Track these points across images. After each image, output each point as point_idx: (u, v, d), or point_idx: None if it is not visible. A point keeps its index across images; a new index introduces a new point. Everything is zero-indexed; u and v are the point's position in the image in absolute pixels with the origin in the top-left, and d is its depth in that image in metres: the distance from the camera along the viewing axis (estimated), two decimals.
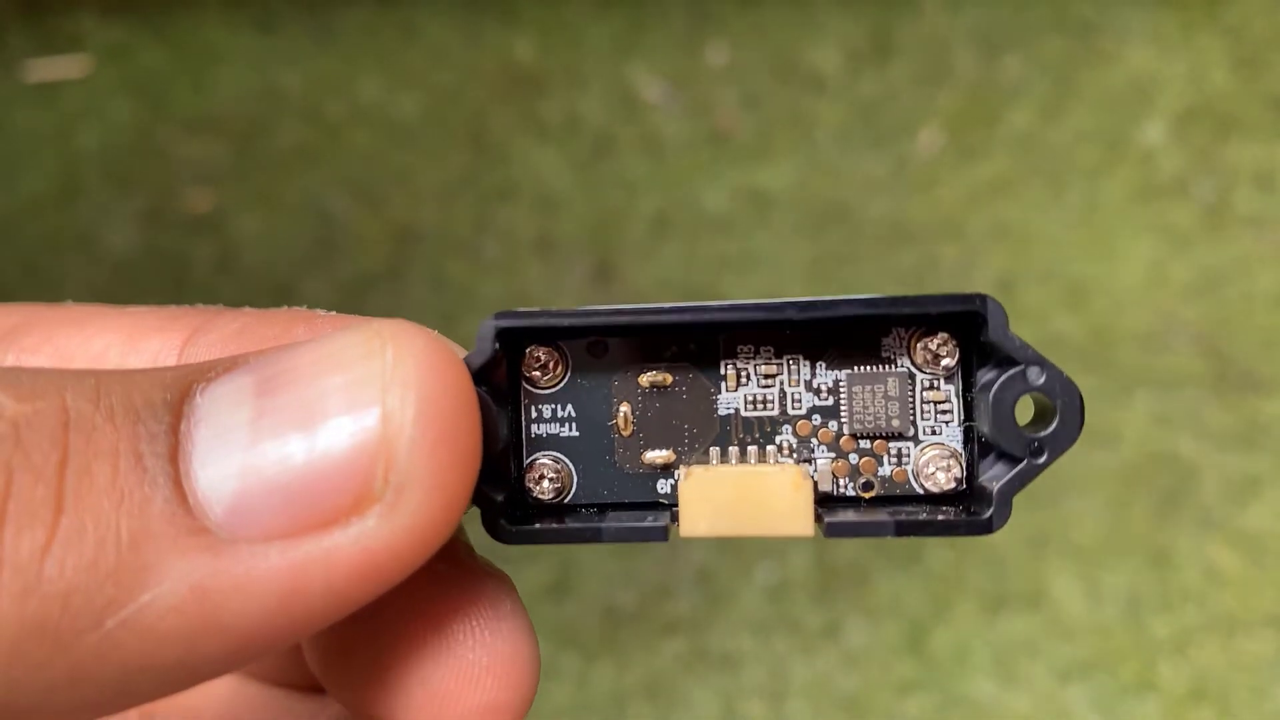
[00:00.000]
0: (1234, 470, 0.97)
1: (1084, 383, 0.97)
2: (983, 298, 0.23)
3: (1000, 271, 1.04)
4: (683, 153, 1.10)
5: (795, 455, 0.25)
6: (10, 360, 0.26)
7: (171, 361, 0.26)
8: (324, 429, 0.19)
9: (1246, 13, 1.09)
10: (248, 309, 0.27)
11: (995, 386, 0.23)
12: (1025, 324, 1.02)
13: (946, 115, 1.09)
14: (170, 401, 0.19)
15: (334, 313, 0.26)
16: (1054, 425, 0.23)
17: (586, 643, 0.97)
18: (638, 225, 1.08)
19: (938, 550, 0.97)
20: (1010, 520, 0.23)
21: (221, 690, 0.30)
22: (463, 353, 0.23)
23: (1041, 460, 0.23)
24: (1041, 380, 0.23)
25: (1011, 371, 0.23)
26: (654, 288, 1.05)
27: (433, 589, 0.23)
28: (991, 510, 0.23)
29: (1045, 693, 0.94)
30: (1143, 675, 0.94)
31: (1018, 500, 0.23)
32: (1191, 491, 0.97)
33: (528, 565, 0.98)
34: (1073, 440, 0.23)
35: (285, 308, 0.27)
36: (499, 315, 0.24)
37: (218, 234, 1.11)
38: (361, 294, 1.08)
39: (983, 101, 1.09)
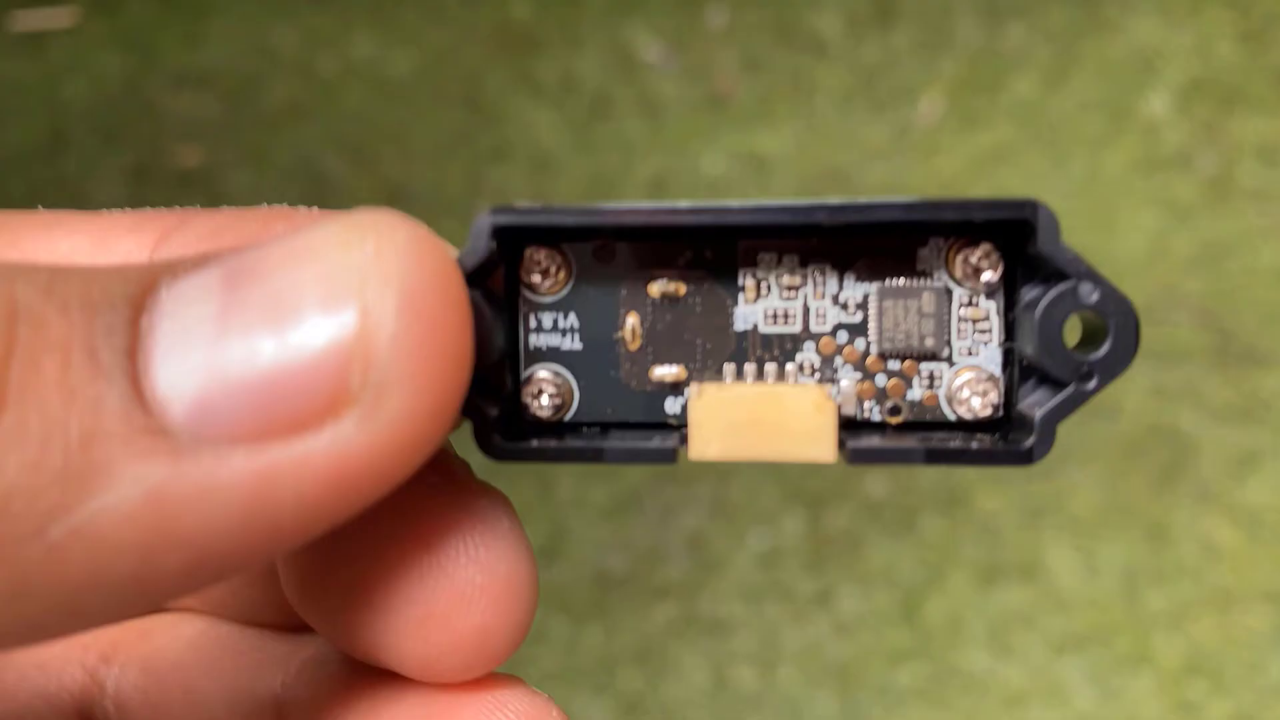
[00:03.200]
0: (1233, 444, 0.97)
1: None
2: (1034, 204, 0.21)
3: None
4: (681, 115, 1.08)
5: (818, 375, 0.23)
6: None
7: (142, 261, 0.23)
8: (296, 323, 0.17)
9: None
10: (225, 208, 0.25)
11: (1044, 302, 0.21)
12: None
13: (948, 82, 1.08)
14: (131, 296, 0.18)
15: (317, 209, 0.24)
16: (1106, 347, 0.21)
17: (576, 607, 0.96)
18: (634, 188, 1.06)
19: (931, 519, 0.96)
20: (1006, 491, 0.22)
21: (189, 631, 0.28)
22: (455, 250, 0.21)
23: (1091, 386, 0.21)
24: (1095, 297, 0.21)
25: (1062, 287, 0.21)
26: None
27: (423, 504, 0.22)
28: (1034, 439, 0.21)
29: (1039, 665, 0.93)
30: (1138, 648, 0.93)
31: (1014, 470, 0.21)
32: (1190, 465, 0.96)
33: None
34: (1126, 364, 0.21)
35: (265, 205, 0.24)
36: (495, 210, 0.21)
37: (207, 190, 1.09)
38: None
39: (985, 69, 1.08)
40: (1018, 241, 0.22)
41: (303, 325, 0.17)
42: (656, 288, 0.23)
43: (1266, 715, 0.91)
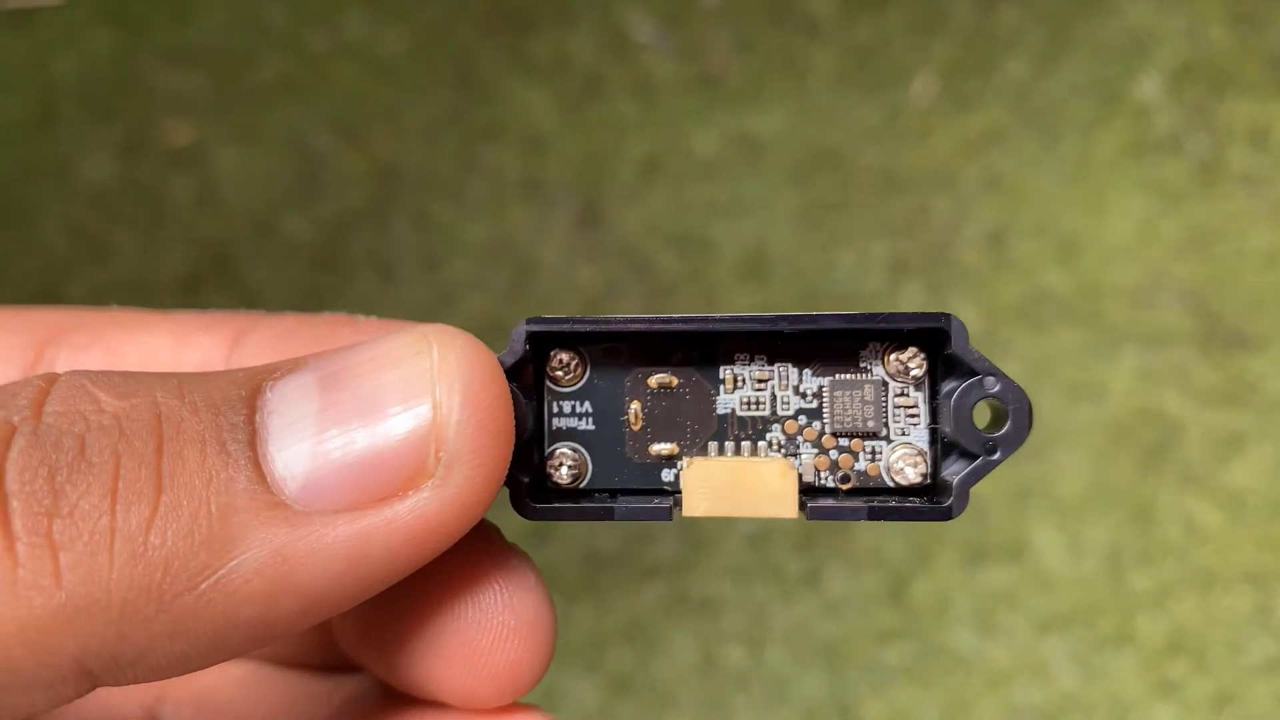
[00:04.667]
0: (1218, 427, 0.97)
1: (1072, 337, 0.97)
2: (948, 316, 0.26)
3: (991, 224, 1.03)
4: (673, 95, 1.08)
5: (783, 450, 0.29)
6: (64, 358, 0.30)
7: (220, 361, 0.30)
8: (384, 417, 0.22)
9: None
10: (290, 314, 0.31)
11: (957, 393, 0.27)
12: (1015, 277, 1.01)
13: (941, 63, 1.08)
14: (244, 397, 0.23)
15: (375, 318, 0.30)
16: (1006, 427, 0.27)
17: (567, 585, 0.97)
18: (626, 168, 1.06)
19: None
20: (993, 471, 0.27)
21: (238, 672, 0.33)
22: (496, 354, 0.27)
23: (996, 457, 0.27)
24: (996, 388, 0.27)
25: (970, 380, 0.27)
26: (641, 232, 1.04)
27: (467, 563, 0.27)
28: (951, 499, 0.27)
29: (1024, 644, 0.94)
30: (1121, 628, 0.94)
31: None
32: (1176, 447, 0.97)
33: (509, 509, 0.97)
34: (1022, 440, 0.26)
35: (326, 313, 0.30)
36: (529, 321, 0.27)
37: (197, 168, 1.08)
38: (343, 232, 1.06)
39: (978, 50, 1.08)
40: (938, 344, 0.28)
41: (389, 419, 0.23)
42: (654, 380, 0.29)
43: (1247, 694, 0.92)
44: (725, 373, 0.29)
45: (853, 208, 1.04)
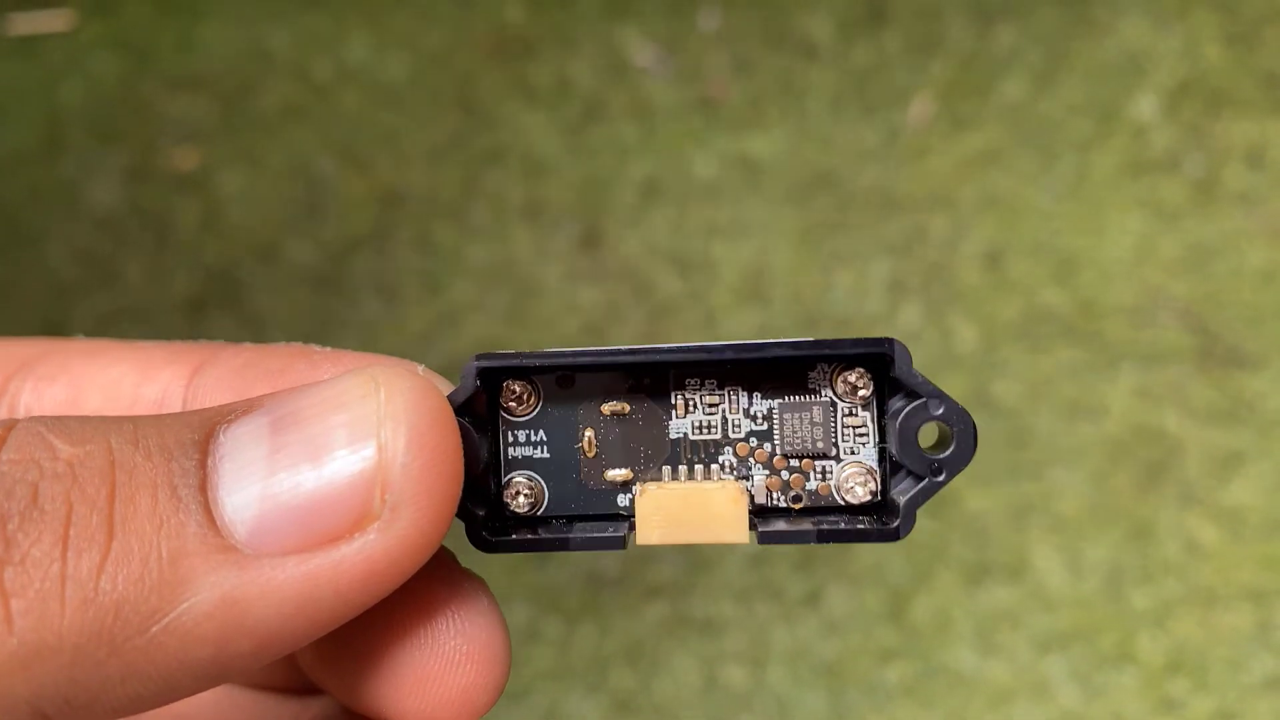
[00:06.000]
0: (1217, 445, 0.98)
1: (1070, 356, 0.97)
2: (890, 341, 0.27)
3: (989, 243, 1.03)
4: (673, 119, 1.09)
5: (735, 473, 0.29)
6: (29, 388, 0.30)
7: (180, 391, 0.30)
8: (330, 460, 0.23)
9: None
10: (248, 344, 0.31)
11: (901, 415, 0.27)
12: (1013, 296, 1.02)
13: (938, 85, 1.08)
14: (197, 441, 0.23)
15: (329, 348, 0.30)
16: (951, 449, 0.27)
17: (569, 607, 0.97)
18: (627, 191, 1.07)
19: (919, 519, 0.97)
20: (993, 492, 0.26)
21: (208, 697, 0.33)
22: (447, 389, 0.27)
23: (941, 478, 0.27)
24: (940, 411, 0.27)
25: (915, 403, 0.27)
26: (642, 254, 1.05)
27: (421, 590, 0.27)
28: (899, 520, 0.27)
29: (1025, 663, 0.94)
30: (1121, 647, 0.94)
31: (1002, 471, 0.27)
32: (1174, 465, 0.97)
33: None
34: (966, 461, 0.27)
35: (284, 343, 0.31)
36: (479, 357, 0.27)
37: (202, 193, 1.10)
38: (346, 256, 1.07)
39: (975, 71, 1.08)
40: (883, 365, 0.28)
41: (335, 461, 0.23)
42: (607, 408, 0.29)
43: (1248, 713, 0.92)
44: (676, 398, 0.29)
45: (851, 228, 1.05)
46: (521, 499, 0.29)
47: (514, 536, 0.28)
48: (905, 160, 1.07)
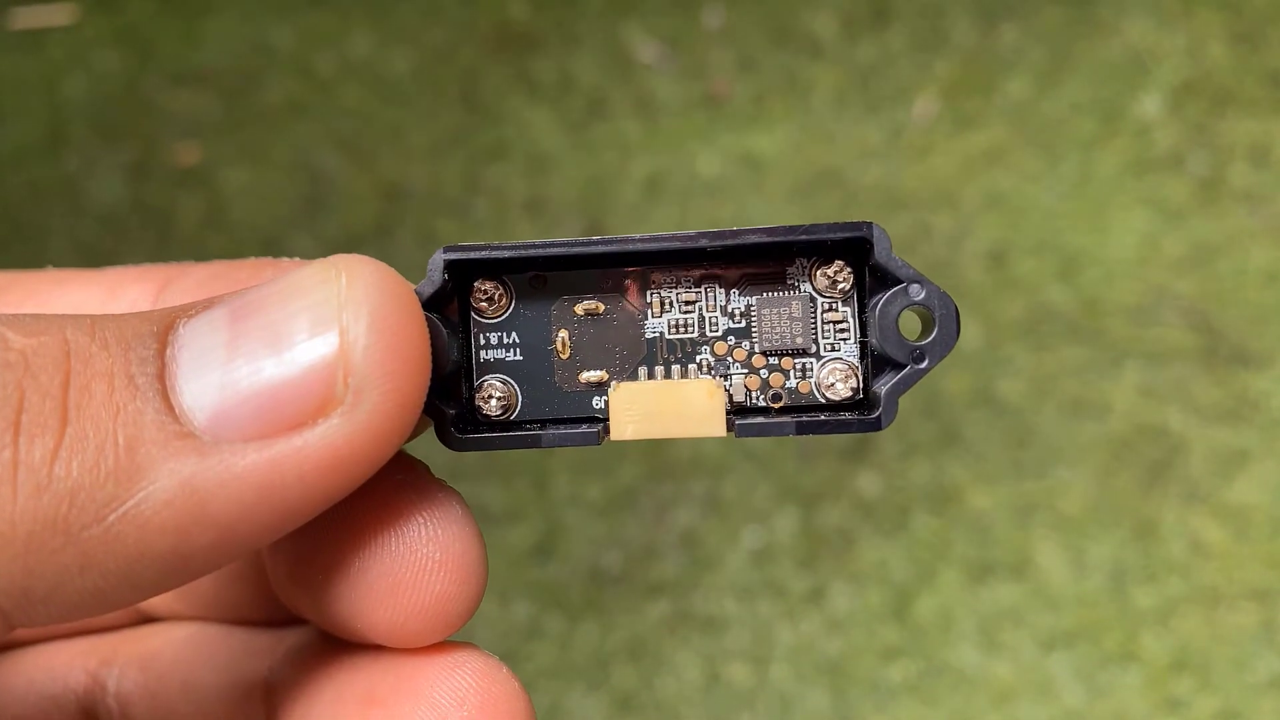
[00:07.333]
0: (1221, 444, 0.98)
1: (1074, 354, 0.97)
2: (869, 225, 0.26)
3: (993, 241, 1.03)
4: (677, 115, 1.09)
5: (714, 372, 0.28)
6: None
7: (147, 306, 0.29)
8: (290, 346, 0.22)
9: None
10: (218, 260, 0.30)
11: (881, 301, 0.26)
12: (1017, 295, 1.02)
13: (942, 83, 1.08)
14: (156, 332, 0.22)
15: (299, 259, 0.29)
16: (933, 335, 0.26)
17: (571, 604, 0.97)
18: (630, 187, 1.07)
19: (923, 518, 0.97)
20: (997, 490, 0.25)
21: (181, 633, 0.32)
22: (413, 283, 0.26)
23: (923, 365, 0.26)
24: (921, 295, 0.26)
25: (895, 289, 0.26)
26: None
27: (390, 497, 0.26)
28: (880, 410, 0.26)
29: (1028, 661, 0.94)
30: (1125, 645, 0.94)
31: (1006, 470, 0.25)
32: (1178, 464, 0.97)
33: (513, 526, 0.97)
34: (949, 347, 0.26)
35: (252, 258, 0.30)
36: (447, 249, 0.26)
37: (205, 188, 1.09)
38: (349, 251, 1.07)
39: (979, 70, 1.08)
40: (863, 256, 0.27)
41: (296, 347, 0.22)
42: (581, 307, 0.28)
43: (1253, 712, 0.92)
44: (653, 296, 0.28)
45: None
46: (494, 402, 0.28)
47: (483, 434, 0.27)
48: (909, 158, 1.07)
